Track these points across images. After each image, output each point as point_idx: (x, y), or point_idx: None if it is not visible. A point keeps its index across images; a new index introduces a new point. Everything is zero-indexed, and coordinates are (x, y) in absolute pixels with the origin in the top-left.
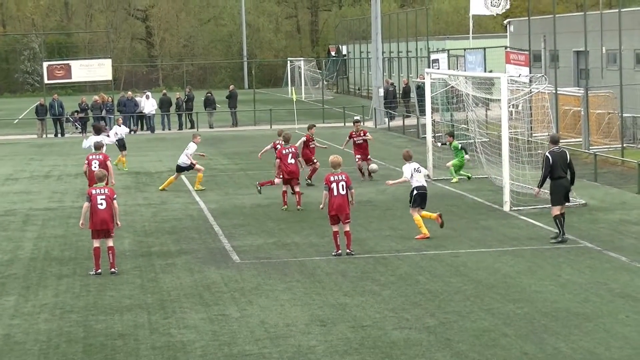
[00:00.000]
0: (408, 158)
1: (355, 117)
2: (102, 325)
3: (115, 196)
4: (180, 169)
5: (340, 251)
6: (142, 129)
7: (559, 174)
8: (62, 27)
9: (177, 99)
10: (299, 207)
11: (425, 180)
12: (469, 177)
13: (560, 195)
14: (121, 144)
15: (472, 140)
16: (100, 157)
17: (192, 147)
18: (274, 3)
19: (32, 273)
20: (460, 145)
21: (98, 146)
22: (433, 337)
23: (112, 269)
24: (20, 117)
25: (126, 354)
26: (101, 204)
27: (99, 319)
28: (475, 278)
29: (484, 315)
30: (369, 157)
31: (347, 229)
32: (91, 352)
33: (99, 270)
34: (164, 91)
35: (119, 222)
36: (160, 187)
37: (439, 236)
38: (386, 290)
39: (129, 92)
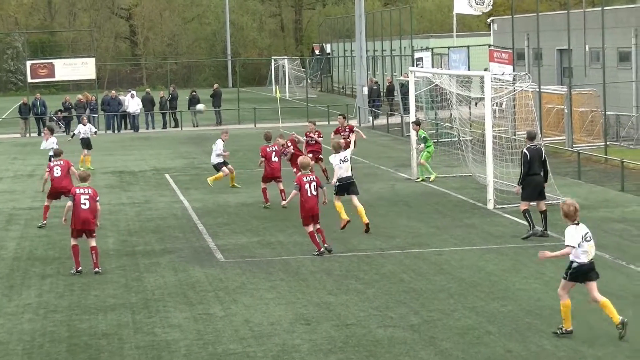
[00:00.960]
0: (338, 149)
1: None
2: (86, 325)
3: (98, 197)
4: (217, 168)
5: (322, 249)
6: (126, 128)
7: (534, 170)
8: (45, 26)
9: (160, 97)
10: (283, 203)
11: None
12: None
13: (530, 191)
14: (86, 143)
15: (457, 139)
16: (62, 163)
17: (219, 144)
18: (258, 1)
19: (16, 272)
20: (424, 135)
21: (58, 153)
22: (417, 335)
23: (96, 269)
24: (3, 117)
25: (110, 353)
26: (84, 203)
27: (83, 319)
28: (459, 276)
29: (467, 314)
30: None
31: (319, 226)
32: (75, 352)
33: (79, 268)
34: (147, 90)
35: (98, 223)
36: (209, 181)
37: (422, 234)
38: (370, 289)
39: (113, 91)
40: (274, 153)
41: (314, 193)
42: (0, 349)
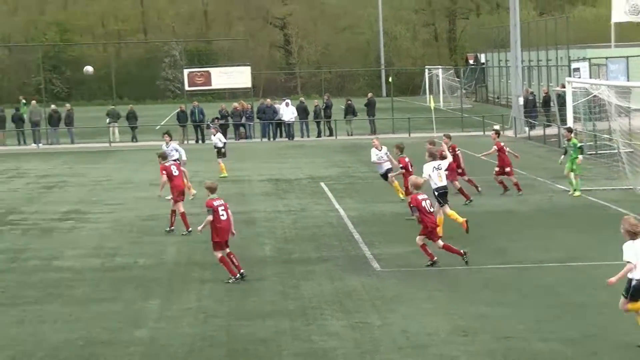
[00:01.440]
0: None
1: (495, 126)
2: (245, 331)
3: (228, 205)
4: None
5: (238, 275)
6: (281, 136)
7: None
8: (201, 35)
9: (315, 106)
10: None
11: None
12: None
13: None
14: (221, 153)
15: (616, 150)
16: (173, 163)
17: (372, 153)
18: (412, 11)
19: (176, 277)
20: (580, 144)
21: (165, 156)
22: (579, 349)
23: (241, 271)
24: (161, 124)
25: (269, 359)
26: (223, 215)
27: (242, 324)
28: (619, 290)
29: (629, 329)
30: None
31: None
32: (234, 357)
33: (237, 275)
34: (301, 99)
35: (234, 231)
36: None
37: (580, 247)
38: (528, 301)
39: (268, 100)
40: (409, 164)
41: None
42: (162, 352)
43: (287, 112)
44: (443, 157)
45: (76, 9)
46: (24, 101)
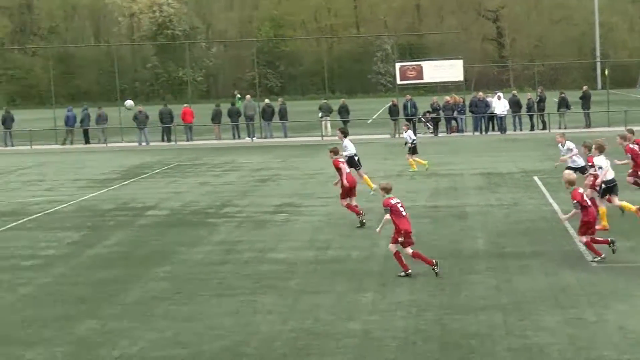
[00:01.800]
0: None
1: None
2: (458, 325)
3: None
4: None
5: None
6: (493, 129)
7: None
8: (413, 29)
9: (528, 99)
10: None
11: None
12: None
13: None
14: (411, 149)
15: None
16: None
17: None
18: (628, 2)
19: (388, 270)
20: None
21: (336, 151)
22: None
23: (434, 266)
24: (373, 117)
25: (482, 354)
26: (401, 212)
27: (454, 318)
28: None
29: None
30: None
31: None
32: (447, 350)
33: (409, 270)
34: (514, 92)
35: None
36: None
37: None
38: None
39: (480, 93)
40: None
41: None
42: (374, 344)
43: (500, 105)
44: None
45: (290, 4)
46: (238, 96)
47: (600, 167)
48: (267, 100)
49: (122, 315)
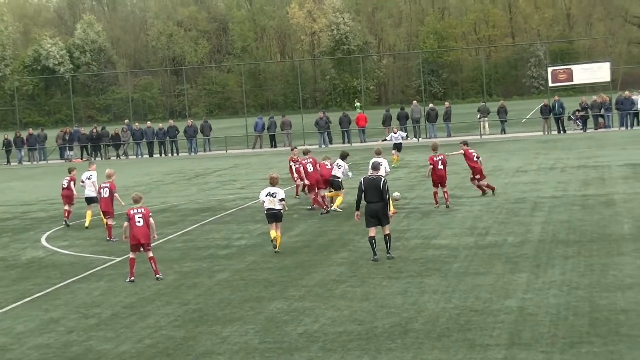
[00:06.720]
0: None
1: None
2: (606, 302)
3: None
4: None
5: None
6: (638, 125)
7: None
8: (564, 36)
9: None
10: None
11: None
12: None
13: None
14: (396, 147)
15: None
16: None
17: None
18: None
19: (541, 253)
20: None
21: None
22: None
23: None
24: (527, 117)
25: (630, 327)
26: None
27: (603, 296)
28: None
29: None
30: None
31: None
32: (596, 325)
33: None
34: None
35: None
36: None
37: None
38: None
39: (626, 92)
40: (439, 162)
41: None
42: (530, 320)
43: None
44: None
45: (452, 18)
46: (359, 104)
47: None
48: (431, 105)
49: (305, 296)
